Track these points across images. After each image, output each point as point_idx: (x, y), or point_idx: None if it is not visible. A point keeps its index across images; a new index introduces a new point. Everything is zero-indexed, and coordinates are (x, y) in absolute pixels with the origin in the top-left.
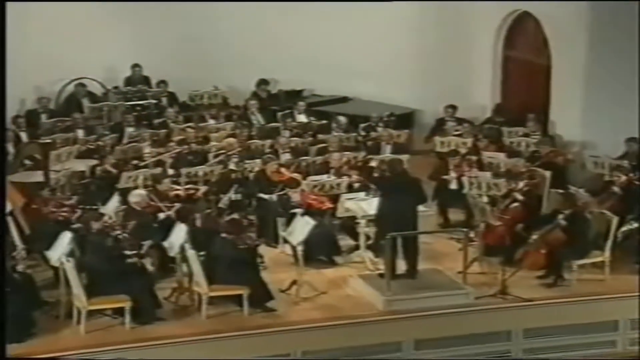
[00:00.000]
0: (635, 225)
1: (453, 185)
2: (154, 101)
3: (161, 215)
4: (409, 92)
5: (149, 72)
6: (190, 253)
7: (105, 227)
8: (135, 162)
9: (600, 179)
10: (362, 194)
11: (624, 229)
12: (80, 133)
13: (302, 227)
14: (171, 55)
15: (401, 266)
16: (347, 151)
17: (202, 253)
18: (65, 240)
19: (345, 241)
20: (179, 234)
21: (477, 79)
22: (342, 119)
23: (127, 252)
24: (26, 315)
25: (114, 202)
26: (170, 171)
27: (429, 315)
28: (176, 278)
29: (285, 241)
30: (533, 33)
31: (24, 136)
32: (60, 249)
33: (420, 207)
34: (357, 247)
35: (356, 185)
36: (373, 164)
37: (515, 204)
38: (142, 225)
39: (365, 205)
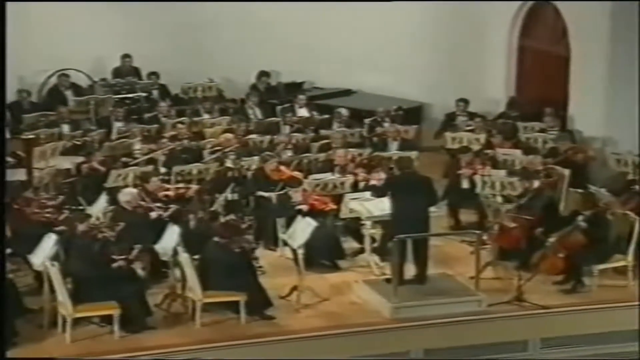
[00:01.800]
0: None
1: (465, 184)
2: (144, 94)
3: (153, 215)
4: (417, 85)
5: (140, 63)
6: (184, 257)
7: (92, 229)
8: (124, 159)
9: (623, 177)
10: (367, 194)
11: None
12: (65, 128)
13: (303, 229)
14: (163, 45)
15: (409, 271)
16: (351, 147)
17: (196, 257)
18: (49, 243)
19: (349, 244)
20: (172, 236)
21: (490, 71)
22: (344, 111)
23: (116, 256)
24: (7, 324)
25: (102, 202)
26: (163, 169)
27: (438, 323)
28: (168, 283)
29: (285, 244)
30: (551, 21)
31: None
32: (44, 252)
33: (430, 208)
34: (362, 251)
35: (361, 184)
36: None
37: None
38: (133, 226)
39: (370, 205)
